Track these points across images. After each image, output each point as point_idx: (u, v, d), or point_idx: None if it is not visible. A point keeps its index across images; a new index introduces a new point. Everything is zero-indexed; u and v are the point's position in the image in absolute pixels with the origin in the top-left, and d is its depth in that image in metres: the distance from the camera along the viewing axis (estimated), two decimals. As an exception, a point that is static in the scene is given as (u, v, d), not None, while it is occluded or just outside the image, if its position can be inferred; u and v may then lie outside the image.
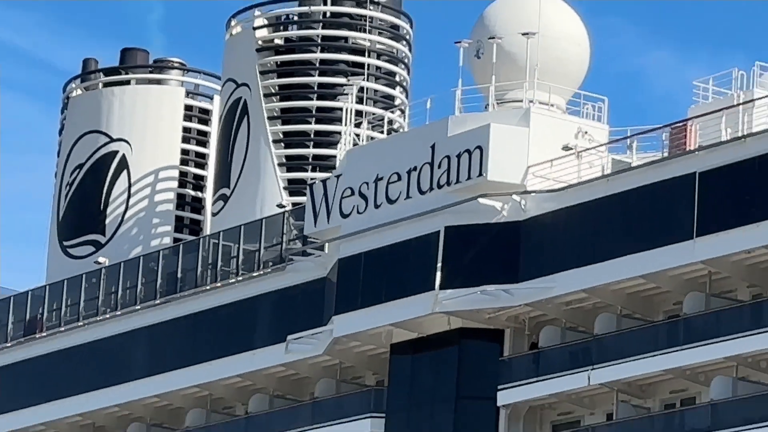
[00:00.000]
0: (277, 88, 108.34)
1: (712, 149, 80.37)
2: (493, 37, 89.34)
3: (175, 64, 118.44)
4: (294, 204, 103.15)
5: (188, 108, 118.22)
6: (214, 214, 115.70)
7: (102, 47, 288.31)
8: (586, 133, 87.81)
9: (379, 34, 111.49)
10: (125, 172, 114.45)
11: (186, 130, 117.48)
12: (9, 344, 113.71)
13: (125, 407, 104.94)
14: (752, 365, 79.11)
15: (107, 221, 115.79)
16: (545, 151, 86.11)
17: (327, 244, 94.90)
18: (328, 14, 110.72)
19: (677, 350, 79.02)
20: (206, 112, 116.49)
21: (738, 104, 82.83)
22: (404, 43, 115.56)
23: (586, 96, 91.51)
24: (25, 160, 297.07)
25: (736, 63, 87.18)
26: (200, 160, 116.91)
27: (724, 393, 78.67)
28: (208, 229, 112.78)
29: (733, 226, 77.01)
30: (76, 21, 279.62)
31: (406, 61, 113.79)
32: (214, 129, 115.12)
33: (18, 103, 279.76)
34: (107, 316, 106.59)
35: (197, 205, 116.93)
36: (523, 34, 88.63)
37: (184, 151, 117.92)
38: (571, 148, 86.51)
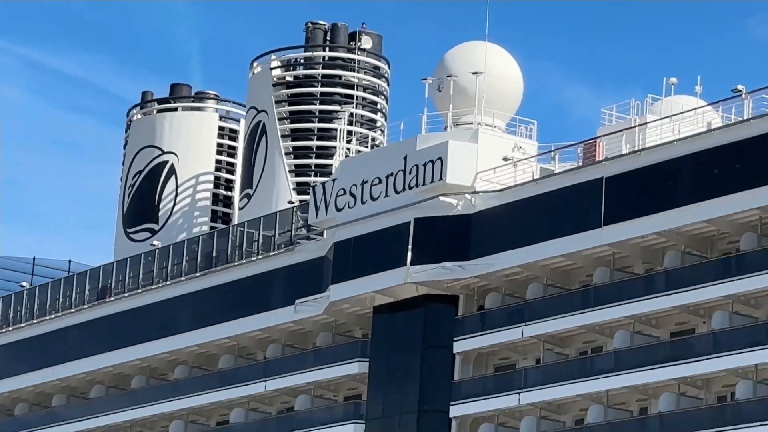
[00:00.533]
0: (287, 113, 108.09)
1: (615, 160, 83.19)
2: (451, 76, 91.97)
3: (211, 95, 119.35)
4: (300, 201, 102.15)
5: (221, 129, 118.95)
6: (240, 209, 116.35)
7: (156, 82, 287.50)
8: (520, 147, 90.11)
9: (365, 73, 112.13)
10: (173, 176, 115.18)
11: (219, 145, 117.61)
12: (86, 306, 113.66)
13: (173, 353, 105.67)
14: (645, 322, 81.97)
15: (160, 213, 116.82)
16: (490, 161, 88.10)
17: (325, 231, 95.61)
18: (326, 58, 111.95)
19: (589, 311, 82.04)
20: (234, 131, 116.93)
21: (634, 126, 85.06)
22: (384, 79, 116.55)
23: (520, 120, 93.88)
24: (97, 168, 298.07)
25: (634, 95, 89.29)
26: (230, 168, 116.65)
27: (624, 343, 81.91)
28: (236, 220, 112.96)
29: (631, 217, 79.86)
30: (136, 61, 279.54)
31: (385, 93, 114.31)
32: (240, 144, 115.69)
33: (91, 124, 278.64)
34: (159, 285, 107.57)
35: (228, 202, 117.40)
36: (473, 73, 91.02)
37: (218, 161, 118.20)
38: (509, 159, 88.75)
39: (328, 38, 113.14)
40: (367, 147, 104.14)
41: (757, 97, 77.78)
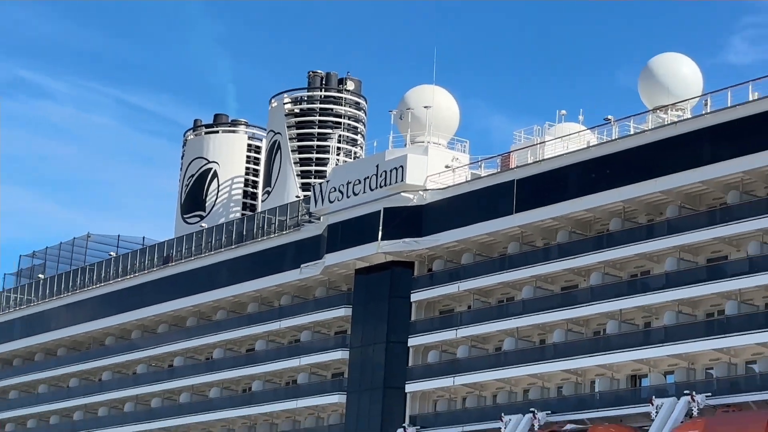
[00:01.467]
0: (295, 135, 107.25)
1: (522, 167, 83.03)
2: (409, 108, 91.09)
3: (242, 122, 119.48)
4: (304, 195, 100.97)
5: (249, 145, 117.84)
6: (262, 201, 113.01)
7: (203, 112, 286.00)
8: (457, 159, 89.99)
9: (349, 106, 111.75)
10: (215, 179, 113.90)
11: (247, 157, 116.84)
12: (155, 269, 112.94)
13: (216, 302, 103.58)
14: (544, 279, 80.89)
15: (206, 205, 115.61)
16: (436, 168, 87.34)
17: (322, 217, 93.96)
18: (322, 96, 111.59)
19: (505, 272, 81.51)
20: (258, 147, 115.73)
21: (536, 144, 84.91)
22: (362, 111, 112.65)
23: (457, 139, 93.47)
24: (163, 173, 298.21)
25: (536, 122, 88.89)
26: (255, 172, 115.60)
27: (529, 295, 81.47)
28: (259, 208, 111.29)
29: (534, 207, 79.95)
30: (190, 97, 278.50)
31: (363, 121, 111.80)
32: (262, 156, 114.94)
33: (159, 142, 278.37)
34: (205, 254, 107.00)
35: (254, 196, 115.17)
36: (425, 107, 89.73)
37: (247, 168, 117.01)
38: (450, 167, 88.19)
39: (323, 82, 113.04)
40: (350, 158, 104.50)
41: (622, 124, 79.47)
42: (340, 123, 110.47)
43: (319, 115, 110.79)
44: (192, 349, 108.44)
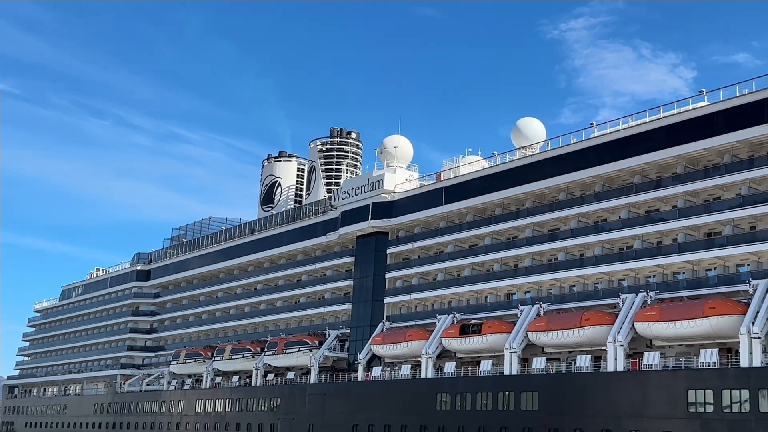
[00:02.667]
0: (323, 163, 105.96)
1: (447, 180, 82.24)
2: (386, 148, 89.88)
3: (294, 155, 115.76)
4: (328, 196, 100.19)
5: (298, 168, 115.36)
6: (305, 198, 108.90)
7: (272, 148, 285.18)
8: (411, 176, 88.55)
9: (352, 147, 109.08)
10: (279, 187, 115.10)
11: (297, 174, 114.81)
12: (247, 235, 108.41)
13: (280, 254, 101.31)
14: (462, 243, 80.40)
15: (274, 200, 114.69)
16: (400, 181, 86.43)
17: (338, 207, 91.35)
18: (338, 141, 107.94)
19: (438, 237, 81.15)
20: (303, 169, 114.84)
21: (455, 167, 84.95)
22: (360, 149, 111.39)
23: (412, 165, 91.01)
24: (250, 183, 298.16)
25: (455, 154, 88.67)
26: (301, 183, 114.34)
27: (452, 249, 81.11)
28: (304, 203, 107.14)
29: (455, 201, 78.79)
30: (266, 140, 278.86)
31: (360, 154, 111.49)
32: (305, 174, 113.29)
33: (250, 167, 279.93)
34: (274, 227, 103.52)
35: (300, 196, 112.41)
36: (394, 147, 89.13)
37: (297, 180, 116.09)
38: (408, 181, 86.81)
39: (339, 133, 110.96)
40: (353, 175, 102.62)
41: (502, 156, 79.48)
42: (347, 155, 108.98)
43: (336, 152, 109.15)
44: (267, 281, 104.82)
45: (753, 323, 51.03)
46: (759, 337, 50.73)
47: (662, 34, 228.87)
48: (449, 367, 71.90)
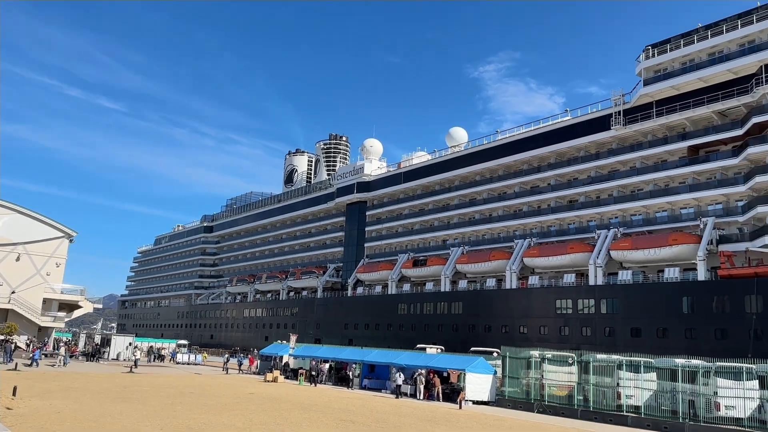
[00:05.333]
0: (324, 156, 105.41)
1: (403, 169, 79.52)
2: (365, 147, 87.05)
3: (306, 151, 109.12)
4: (329, 178, 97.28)
5: (308, 159, 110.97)
6: (314, 180, 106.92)
7: (291, 146, 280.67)
8: (381, 165, 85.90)
9: (344, 147, 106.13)
10: (296, 172, 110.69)
11: (308, 164, 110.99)
12: (275, 204, 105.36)
13: (297, 216, 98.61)
14: (417, 209, 77.60)
15: (293, 180, 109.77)
16: (374, 168, 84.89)
17: (335, 185, 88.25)
18: (332, 142, 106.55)
19: (400, 204, 79.30)
20: (311, 160, 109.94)
21: (411, 158, 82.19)
22: (348, 148, 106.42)
23: (382, 158, 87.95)
24: (277, 170, 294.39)
25: (410, 150, 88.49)
26: (310, 169, 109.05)
27: (408, 212, 78.28)
28: (312, 182, 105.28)
29: (409, 181, 77.14)
30: (285, 141, 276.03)
31: (349, 151, 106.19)
32: (313, 164, 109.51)
33: (277, 160, 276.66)
34: (293, 198, 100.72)
35: (310, 178, 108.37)
36: (370, 146, 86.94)
37: (308, 167, 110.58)
38: (379, 168, 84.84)
39: (335, 136, 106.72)
40: (344, 165, 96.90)
41: (440, 151, 77.22)
42: (340, 151, 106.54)
43: (333, 149, 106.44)
44: (289, 233, 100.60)
45: (597, 257, 51.58)
46: (600, 266, 51.38)
47: (544, 74, 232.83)
48: (406, 287, 71.71)
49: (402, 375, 33.98)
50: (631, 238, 49.86)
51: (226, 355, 58.87)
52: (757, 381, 22.22)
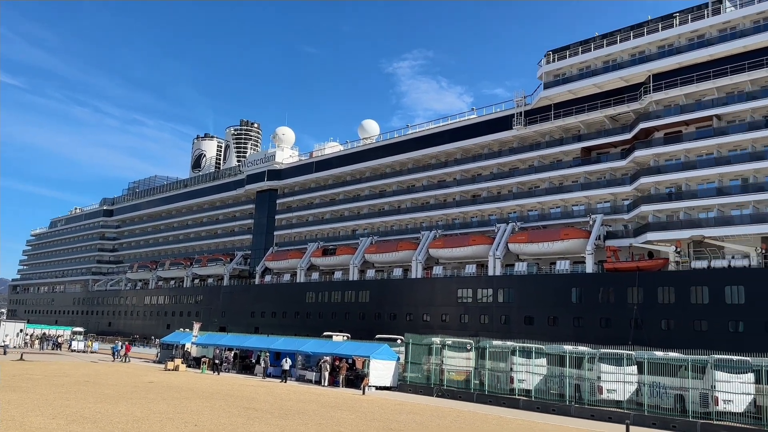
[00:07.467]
0: (234, 142, 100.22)
1: (315, 158, 78.44)
2: (276, 135, 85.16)
3: (215, 137, 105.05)
4: (238, 164, 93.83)
5: (218, 145, 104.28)
6: (223, 166, 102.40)
7: (200, 131, 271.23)
8: (294, 153, 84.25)
9: (255, 133, 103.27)
10: (204, 157, 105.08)
11: (217, 149, 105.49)
12: (182, 189, 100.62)
13: (204, 202, 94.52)
14: (327, 198, 76.34)
15: (201, 166, 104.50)
16: (286, 157, 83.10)
17: (245, 172, 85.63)
18: (243, 129, 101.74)
19: (310, 194, 78.12)
20: (221, 146, 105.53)
21: (323, 148, 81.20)
22: (260, 135, 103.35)
23: (294, 146, 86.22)
24: (184, 154, 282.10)
25: (323, 140, 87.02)
26: (219, 155, 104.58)
27: (318, 201, 76.97)
28: (222, 168, 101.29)
29: (321, 171, 75.59)
30: (197, 125, 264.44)
31: (260, 138, 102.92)
32: (223, 149, 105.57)
33: (185, 142, 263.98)
34: (201, 184, 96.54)
35: (219, 164, 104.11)
36: (282, 134, 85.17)
37: (217, 153, 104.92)
38: (291, 156, 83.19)
39: (246, 123, 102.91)
40: (255, 152, 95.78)
41: (352, 142, 76.43)
42: (251, 138, 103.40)
43: (244, 135, 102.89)
44: (196, 219, 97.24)
45: (496, 250, 52.69)
46: (499, 258, 52.46)
47: (455, 74, 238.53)
48: (315, 276, 70.96)
49: (289, 361, 34.36)
50: (528, 232, 51.27)
51: (120, 343, 56.98)
52: (635, 366, 23.18)
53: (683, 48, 44.98)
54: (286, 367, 33.89)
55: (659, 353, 23.83)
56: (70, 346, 57.80)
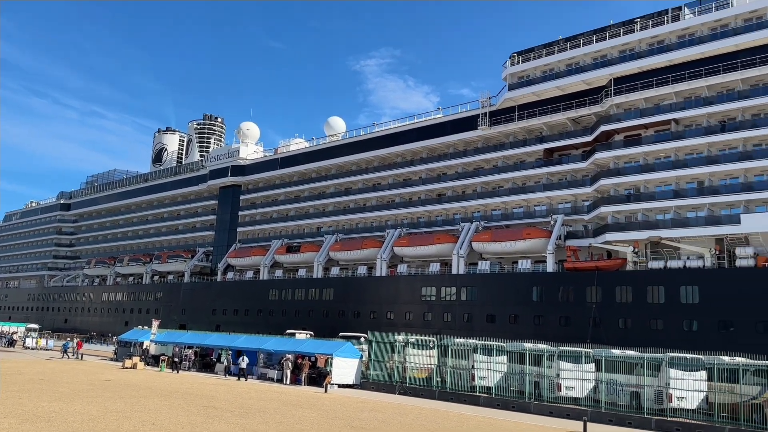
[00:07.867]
0: (197, 136, 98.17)
1: (280, 155, 78.05)
2: (241, 130, 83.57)
3: (177, 130, 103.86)
4: (201, 159, 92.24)
5: (180, 139, 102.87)
6: (185, 160, 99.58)
7: (161, 124, 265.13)
8: (258, 149, 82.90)
9: (218, 128, 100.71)
10: (166, 151, 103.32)
11: (179, 144, 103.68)
12: (141, 184, 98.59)
13: (167, 197, 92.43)
14: (292, 195, 75.68)
15: (162, 160, 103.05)
16: (250, 153, 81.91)
17: (208, 167, 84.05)
18: (206, 123, 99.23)
19: (275, 190, 77.67)
20: (183, 140, 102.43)
21: (289, 145, 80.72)
22: (223, 129, 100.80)
23: (258, 142, 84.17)
24: (145, 147, 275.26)
25: (289, 136, 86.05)
26: (182, 149, 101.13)
27: (283, 198, 76.69)
28: (183, 163, 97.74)
29: (286, 167, 75.04)
30: (158, 118, 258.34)
31: (224, 133, 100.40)
32: (185, 144, 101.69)
33: (146, 137, 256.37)
34: (161, 179, 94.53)
35: (182, 159, 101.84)
36: (247, 129, 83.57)
37: (179, 147, 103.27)
38: (256, 152, 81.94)
39: (210, 117, 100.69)
40: (218, 147, 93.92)
41: (318, 139, 76.22)
42: (214, 132, 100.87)
43: (207, 130, 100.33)
44: (156, 214, 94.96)
45: (460, 248, 52.83)
46: (463, 256, 52.65)
47: (421, 73, 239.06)
48: (279, 273, 70.13)
49: (246, 359, 34.11)
50: (491, 232, 51.52)
51: (70, 340, 55.25)
52: (593, 364, 23.54)
53: (644, 53, 45.86)
54: (243, 365, 33.59)
55: (616, 351, 24.10)
56: (24, 343, 56.43)
